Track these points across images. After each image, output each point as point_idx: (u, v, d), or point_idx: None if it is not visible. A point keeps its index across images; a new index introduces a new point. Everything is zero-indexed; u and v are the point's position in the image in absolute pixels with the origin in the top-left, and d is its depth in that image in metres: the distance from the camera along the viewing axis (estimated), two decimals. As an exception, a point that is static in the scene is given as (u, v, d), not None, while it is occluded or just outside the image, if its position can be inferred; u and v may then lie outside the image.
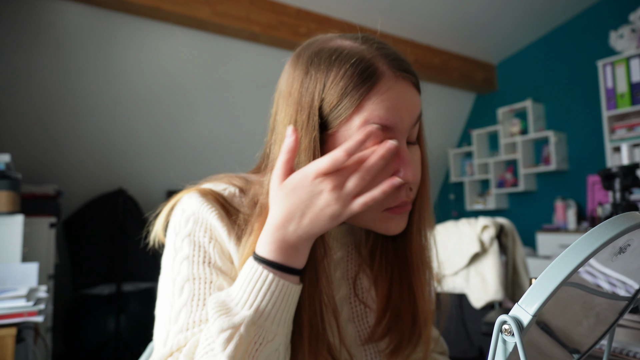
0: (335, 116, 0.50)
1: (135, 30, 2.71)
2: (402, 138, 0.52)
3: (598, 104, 3.50)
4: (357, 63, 0.50)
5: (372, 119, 0.49)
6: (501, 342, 0.32)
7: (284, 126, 0.52)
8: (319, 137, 0.50)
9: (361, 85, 0.50)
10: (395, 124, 0.51)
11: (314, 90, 0.51)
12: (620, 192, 1.36)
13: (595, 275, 0.35)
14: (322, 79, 0.51)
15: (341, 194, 0.45)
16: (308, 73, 0.52)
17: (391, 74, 0.51)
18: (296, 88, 0.52)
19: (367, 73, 0.50)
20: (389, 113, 0.50)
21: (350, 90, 0.50)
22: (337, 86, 0.50)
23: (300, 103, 0.51)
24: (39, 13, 2.43)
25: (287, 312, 0.48)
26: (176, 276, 0.53)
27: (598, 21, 3.61)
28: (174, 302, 0.52)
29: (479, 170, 4.39)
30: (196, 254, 0.54)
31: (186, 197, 0.58)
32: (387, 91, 0.50)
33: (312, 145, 0.50)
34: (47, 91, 2.60)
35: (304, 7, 3.07)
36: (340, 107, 0.50)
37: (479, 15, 3.52)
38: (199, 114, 3.16)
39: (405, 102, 0.52)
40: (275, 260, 0.47)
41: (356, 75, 0.50)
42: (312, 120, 0.50)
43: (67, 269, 2.73)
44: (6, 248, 1.66)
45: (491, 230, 1.99)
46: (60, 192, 2.41)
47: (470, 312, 2.03)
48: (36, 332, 1.61)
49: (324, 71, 0.51)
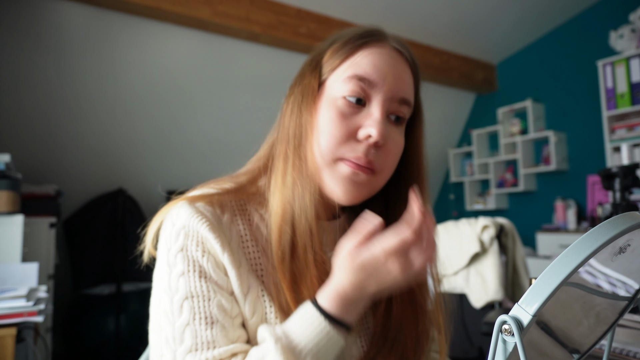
0: (328, 66, 0.58)
1: (135, 30, 2.70)
2: (382, 99, 0.56)
3: (598, 104, 3.50)
4: (363, 28, 0.59)
5: (357, 70, 0.55)
6: (501, 342, 0.32)
7: (292, 102, 0.60)
8: (317, 86, 0.58)
9: (358, 40, 0.57)
10: (377, 82, 0.55)
11: (321, 51, 0.60)
12: (620, 192, 1.36)
13: (595, 275, 0.35)
14: (329, 43, 0.60)
15: (409, 273, 0.48)
16: (326, 40, 0.61)
17: (388, 44, 0.58)
18: (311, 56, 0.62)
19: (368, 33, 0.58)
20: (374, 69, 0.55)
21: (347, 43, 0.57)
22: (340, 41, 0.58)
23: (309, 64, 0.60)
24: (39, 13, 2.43)
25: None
26: (174, 294, 0.52)
27: (598, 21, 3.61)
28: (175, 322, 0.51)
29: (479, 170, 4.39)
30: (191, 269, 0.53)
31: (175, 208, 0.57)
32: (379, 51, 0.56)
33: (310, 91, 0.58)
34: (47, 91, 2.60)
35: (304, 7, 3.07)
36: (334, 57, 0.57)
37: (479, 15, 3.52)
38: (199, 113, 3.16)
39: (394, 68, 0.57)
40: (337, 316, 0.50)
41: (358, 34, 0.58)
42: (315, 70, 0.59)
43: (67, 269, 2.73)
44: (6, 248, 1.66)
45: (491, 230, 1.99)
46: (60, 192, 2.41)
47: (470, 312, 2.03)
48: (36, 332, 1.61)
49: (332, 39, 0.60)
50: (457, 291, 2.08)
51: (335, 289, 0.50)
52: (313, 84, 0.58)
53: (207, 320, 0.51)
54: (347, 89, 0.55)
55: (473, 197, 4.55)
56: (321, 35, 3.13)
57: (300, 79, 0.61)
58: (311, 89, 0.58)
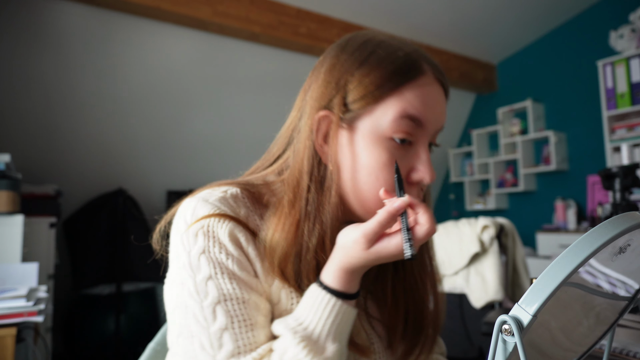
0: (361, 92, 0.52)
1: (135, 30, 2.71)
2: (427, 137, 0.54)
3: (598, 104, 3.50)
4: (403, 54, 0.53)
5: (408, 109, 0.51)
6: (501, 342, 0.32)
7: (314, 101, 0.54)
8: (342, 111, 0.53)
9: (405, 73, 0.52)
10: (427, 121, 0.53)
11: (350, 68, 0.53)
12: (620, 192, 1.36)
13: (595, 275, 0.35)
14: (364, 60, 0.53)
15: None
16: (352, 54, 0.54)
17: (432, 75, 0.54)
18: (333, 64, 0.54)
19: (412, 64, 0.53)
20: (425, 108, 0.52)
21: (393, 76, 0.52)
22: (378, 68, 0.52)
23: (333, 74, 0.54)
24: (39, 13, 2.43)
25: (348, 333, 0.52)
26: (203, 299, 0.50)
27: (598, 21, 3.61)
28: (210, 327, 0.49)
29: (479, 170, 4.39)
30: (218, 272, 0.51)
31: (187, 206, 0.55)
32: (427, 87, 0.53)
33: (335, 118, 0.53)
34: (47, 91, 2.60)
35: (304, 7, 3.07)
36: (373, 86, 0.52)
37: (479, 15, 3.52)
38: (199, 113, 3.16)
39: (439, 105, 0.54)
40: (345, 290, 0.51)
41: (401, 63, 0.52)
42: (337, 92, 0.53)
43: (67, 269, 2.73)
44: (6, 248, 1.66)
45: (491, 230, 1.99)
46: (60, 192, 2.40)
47: (470, 312, 2.03)
48: (36, 332, 1.61)
49: (369, 54, 0.53)
50: (457, 291, 2.08)
51: (342, 267, 0.50)
52: (338, 109, 0.53)
53: (246, 323, 0.50)
54: (397, 129, 0.51)
55: (473, 197, 4.55)
56: (321, 35, 3.13)
57: (318, 95, 0.54)
58: (336, 116, 0.53)
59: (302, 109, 0.57)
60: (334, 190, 0.53)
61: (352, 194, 0.54)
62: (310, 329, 0.49)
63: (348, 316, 0.51)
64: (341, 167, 0.53)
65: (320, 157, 0.54)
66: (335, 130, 0.53)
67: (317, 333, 0.49)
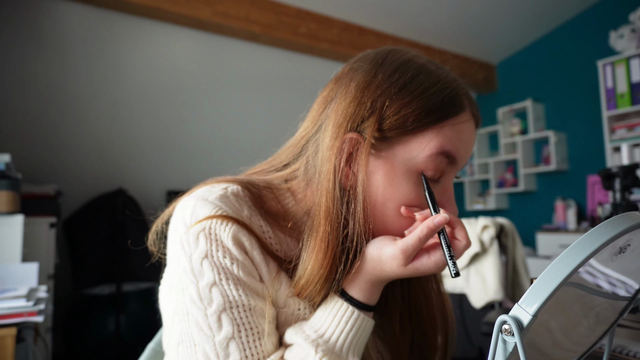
0: (400, 120, 0.49)
1: (135, 30, 2.71)
2: (455, 172, 0.54)
3: (598, 104, 3.50)
4: (449, 89, 0.51)
5: (446, 146, 0.50)
6: (501, 342, 0.32)
7: (341, 118, 0.50)
8: (375, 133, 0.49)
9: (447, 109, 0.50)
10: (460, 158, 0.52)
11: (388, 90, 0.49)
12: (620, 192, 1.36)
13: (595, 275, 0.35)
14: (404, 84, 0.50)
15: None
16: (391, 75, 0.50)
17: (469, 112, 0.53)
18: (367, 82, 0.50)
19: (455, 100, 0.51)
20: (461, 145, 0.51)
21: (435, 108, 0.49)
22: (421, 98, 0.49)
23: (366, 94, 0.50)
24: (39, 13, 2.43)
25: (364, 346, 0.53)
26: (207, 306, 0.47)
27: (598, 21, 3.61)
28: (215, 336, 0.47)
29: (479, 170, 4.39)
30: (223, 277, 0.48)
31: (185, 205, 0.52)
32: (465, 124, 0.52)
33: (368, 141, 0.49)
34: (47, 91, 2.60)
35: (304, 7, 3.07)
36: (414, 116, 0.48)
37: (479, 15, 3.52)
38: (199, 113, 3.16)
39: (471, 142, 0.54)
40: (367, 302, 0.51)
41: (445, 98, 0.50)
42: (372, 114, 0.49)
43: (67, 269, 2.73)
44: (6, 248, 1.66)
45: (491, 230, 1.99)
46: (60, 192, 2.40)
47: (470, 312, 2.03)
48: (36, 332, 1.61)
49: (410, 79, 0.50)
50: (457, 291, 2.08)
51: (371, 280, 0.50)
52: (370, 134, 0.49)
53: (253, 331, 0.48)
54: (431, 165, 0.49)
55: (473, 197, 4.55)
56: (321, 35, 3.13)
57: (347, 113, 0.50)
58: (368, 141, 0.49)
59: (323, 122, 0.53)
60: (358, 208, 0.50)
61: (374, 222, 0.51)
62: (332, 342, 0.48)
63: (368, 328, 0.51)
64: (367, 195, 0.50)
65: (340, 179, 0.50)
66: (366, 156, 0.49)
67: (339, 346, 0.48)
